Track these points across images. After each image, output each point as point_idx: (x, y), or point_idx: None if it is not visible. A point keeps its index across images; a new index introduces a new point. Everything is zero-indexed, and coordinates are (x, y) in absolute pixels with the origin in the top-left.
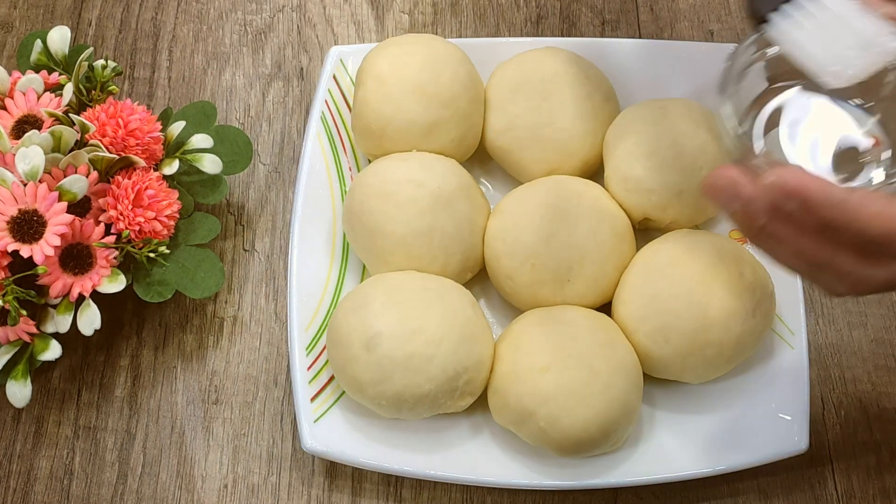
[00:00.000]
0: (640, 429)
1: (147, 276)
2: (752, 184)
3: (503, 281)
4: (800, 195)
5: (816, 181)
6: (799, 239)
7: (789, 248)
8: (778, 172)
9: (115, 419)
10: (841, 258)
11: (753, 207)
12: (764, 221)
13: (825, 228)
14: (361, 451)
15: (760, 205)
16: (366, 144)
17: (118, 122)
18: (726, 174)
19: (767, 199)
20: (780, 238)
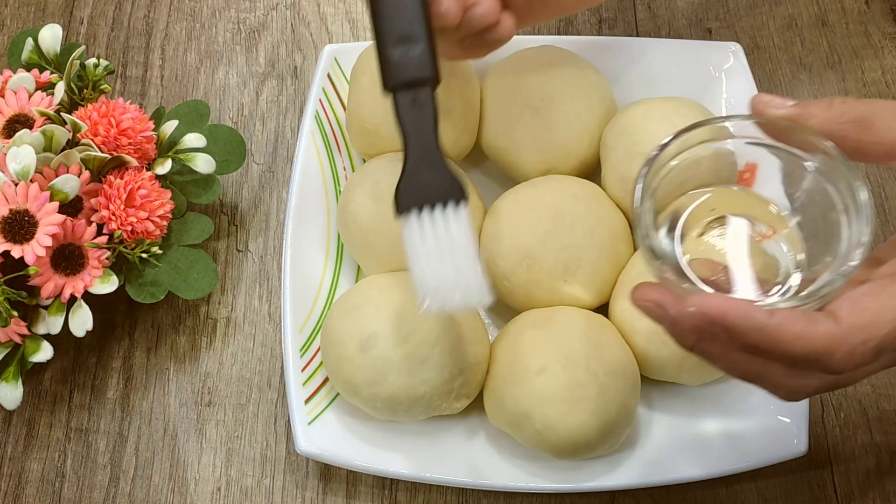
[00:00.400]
0: (638, 431)
1: (139, 276)
2: (675, 306)
3: (499, 282)
4: (721, 323)
5: (736, 307)
6: (729, 355)
7: (720, 364)
8: (697, 301)
9: (107, 421)
10: (772, 372)
11: (680, 330)
12: (692, 342)
13: (751, 349)
14: (356, 453)
15: (687, 327)
16: (360, 144)
17: (110, 122)
18: (649, 296)
19: (693, 323)
20: (711, 356)
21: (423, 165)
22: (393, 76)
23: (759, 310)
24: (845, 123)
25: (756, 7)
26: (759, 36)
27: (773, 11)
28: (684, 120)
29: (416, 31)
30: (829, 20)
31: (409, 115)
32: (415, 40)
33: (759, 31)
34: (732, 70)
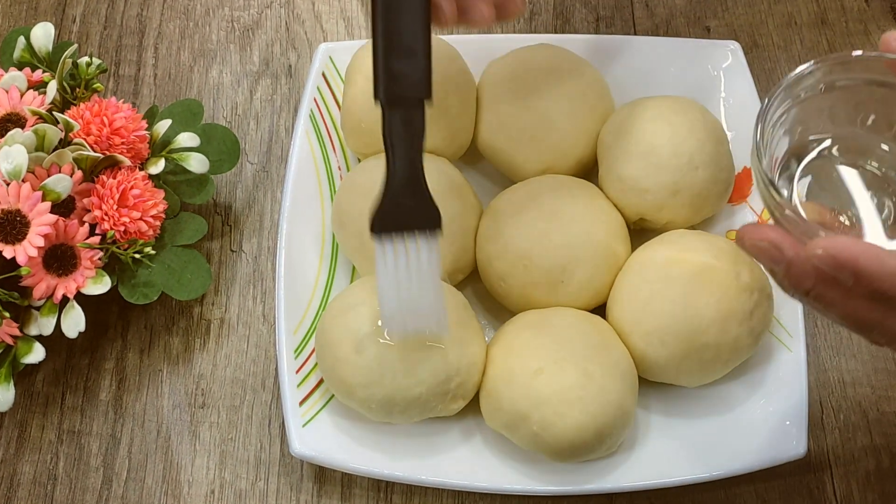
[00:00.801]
0: (636, 433)
1: (132, 277)
2: (794, 247)
3: (495, 282)
4: (851, 267)
5: (868, 251)
6: (848, 302)
7: (836, 310)
8: (825, 244)
9: (100, 423)
10: (891, 321)
11: (798, 272)
12: (810, 286)
13: (878, 297)
14: (351, 455)
15: (806, 269)
16: (355, 143)
17: (103, 121)
18: (767, 235)
19: (814, 266)
20: (827, 301)
21: (406, 189)
22: (389, 90)
23: (892, 255)
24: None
25: (755, 5)
26: (758, 34)
27: (772, 9)
28: (682, 119)
29: (417, 46)
30: (828, 18)
31: (398, 134)
32: (415, 56)
33: (758, 30)
34: (731, 69)
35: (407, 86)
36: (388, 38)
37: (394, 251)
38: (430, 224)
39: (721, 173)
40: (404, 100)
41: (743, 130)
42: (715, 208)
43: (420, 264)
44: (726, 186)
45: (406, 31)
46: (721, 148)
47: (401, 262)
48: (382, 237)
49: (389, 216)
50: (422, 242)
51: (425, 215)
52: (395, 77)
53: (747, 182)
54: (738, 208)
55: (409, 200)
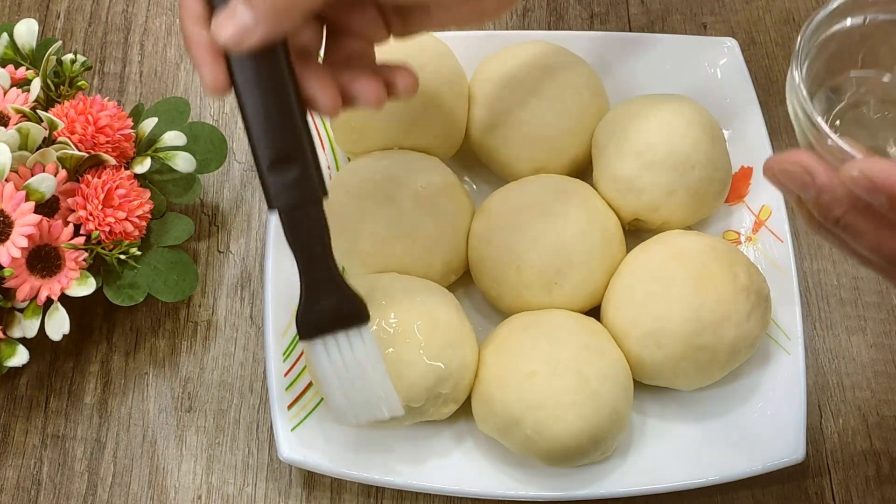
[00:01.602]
0: (631, 437)
1: (118, 278)
2: (828, 173)
3: (488, 284)
4: (888, 190)
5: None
6: (879, 232)
7: (866, 241)
8: (861, 165)
9: (85, 427)
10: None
11: (829, 198)
12: (840, 213)
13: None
14: (340, 460)
15: (838, 195)
16: (345, 141)
17: (87, 119)
18: (800, 159)
19: (846, 190)
20: (857, 231)
21: (320, 290)
22: (280, 200)
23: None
24: None
25: (752, 1)
26: (756, 31)
27: (769, 6)
28: (679, 117)
29: (294, 151)
30: None
31: (299, 238)
32: (294, 161)
33: (756, 26)
34: (728, 66)
35: (292, 193)
36: (262, 150)
37: (327, 350)
38: (356, 319)
39: (718, 173)
40: (299, 206)
41: (740, 129)
42: (711, 208)
43: (357, 357)
44: (723, 186)
45: (280, 136)
46: (718, 147)
47: (336, 360)
48: (314, 342)
49: (314, 320)
50: (353, 335)
51: (350, 310)
52: (278, 187)
53: (744, 182)
54: (734, 208)
55: (329, 300)
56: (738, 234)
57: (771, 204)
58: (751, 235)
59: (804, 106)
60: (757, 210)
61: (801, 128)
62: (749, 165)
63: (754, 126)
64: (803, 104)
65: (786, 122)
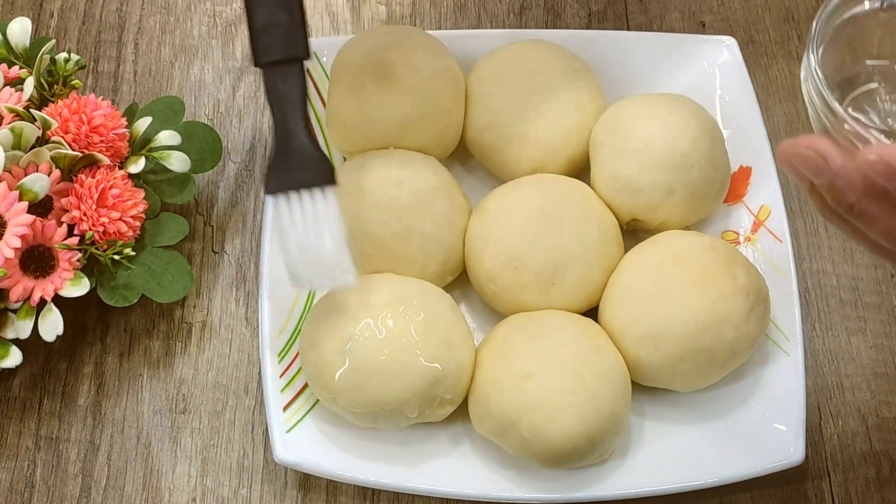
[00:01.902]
0: (629, 439)
1: (112, 279)
2: (843, 157)
3: (485, 284)
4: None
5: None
6: (894, 219)
7: (881, 227)
8: (881, 149)
9: (79, 429)
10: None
11: (844, 183)
12: (855, 199)
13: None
14: (336, 462)
15: (853, 181)
16: (340, 142)
17: (81, 118)
18: (814, 144)
19: (861, 176)
20: (872, 217)
21: (290, 147)
22: (261, 55)
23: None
24: None
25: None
26: (755, 30)
27: (768, 4)
28: (677, 117)
29: (284, 12)
30: None
31: (277, 94)
32: (286, 11)
33: (755, 25)
34: (727, 65)
35: (284, 49)
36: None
37: (290, 208)
38: (322, 178)
39: (716, 173)
40: (281, 61)
41: (739, 128)
42: (710, 209)
43: (318, 218)
44: (722, 186)
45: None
46: (717, 146)
47: (298, 219)
48: (277, 197)
49: (281, 175)
50: (318, 197)
51: (318, 170)
52: (271, 44)
53: (743, 181)
54: (733, 208)
55: (299, 158)
56: (736, 235)
57: (770, 204)
58: (750, 236)
59: (821, 90)
60: (756, 210)
61: (816, 112)
62: (748, 165)
63: (753, 125)
64: (820, 88)
65: (785, 121)
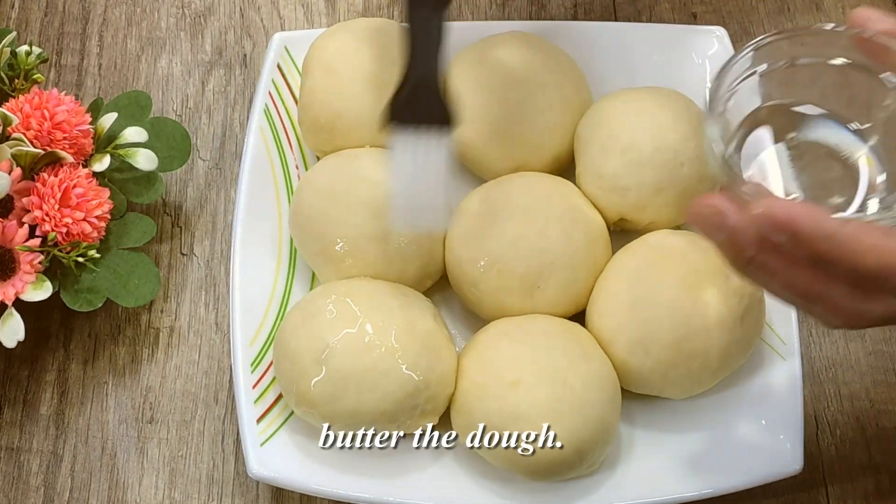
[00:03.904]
0: (619, 449)
1: (75, 282)
2: (738, 213)
3: (466, 288)
4: (789, 228)
5: (806, 212)
6: (790, 271)
7: (779, 280)
8: (766, 203)
9: (41, 440)
10: (834, 291)
11: (740, 238)
12: (752, 253)
13: (817, 262)
14: (313, 476)
15: (748, 236)
16: (314, 140)
17: (44, 114)
18: (711, 202)
19: (755, 231)
20: (770, 271)
21: (422, 85)
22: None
23: (831, 218)
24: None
25: None
26: (748, 21)
27: None
28: (666, 112)
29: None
30: (823, 4)
31: (421, 31)
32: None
33: (749, 16)
34: (717, 57)
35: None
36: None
37: (406, 144)
38: (444, 120)
39: (707, 170)
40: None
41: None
42: None
43: (431, 160)
44: (713, 184)
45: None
46: None
47: (411, 157)
48: (397, 127)
49: (405, 108)
50: (434, 140)
51: (441, 111)
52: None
53: None
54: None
55: (425, 95)
56: None
57: None
58: None
59: (714, 149)
60: None
61: (712, 167)
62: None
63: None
64: (713, 147)
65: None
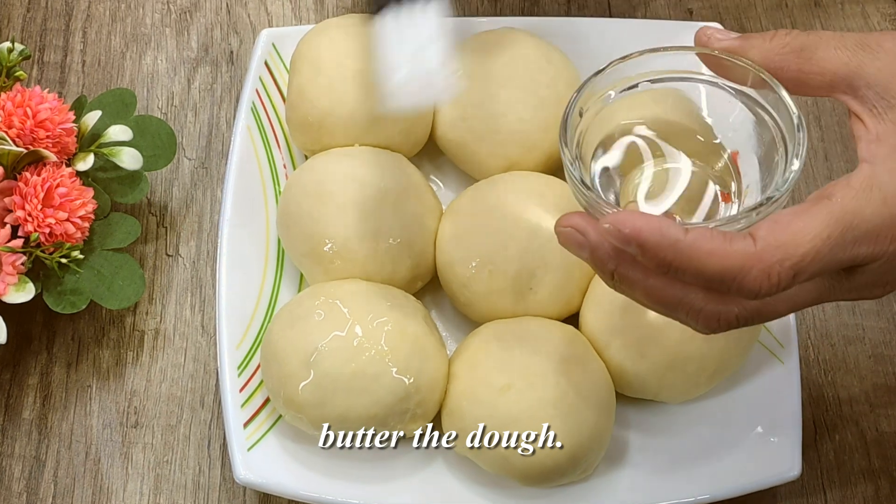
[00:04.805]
0: (613, 454)
1: (59, 284)
2: (596, 230)
3: (457, 290)
4: (635, 239)
5: (650, 223)
6: (647, 281)
7: (639, 291)
8: (613, 218)
9: (23, 444)
10: (691, 297)
11: (600, 254)
12: (613, 267)
13: (667, 269)
14: (301, 482)
15: (606, 250)
16: (302, 139)
17: (26, 112)
18: (570, 221)
19: (610, 245)
20: (630, 282)
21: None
22: None
23: (674, 226)
24: (787, 54)
25: None
26: (746, 17)
27: None
28: (660, 109)
29: None
30: (822, 0)
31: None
32: None
33: (746, 12)
34: None
35: None
36: None
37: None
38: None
39: None
40: None
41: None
42: None
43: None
44: None
45: None
46: None
47: (403, 29)
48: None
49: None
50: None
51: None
52: None
53: None
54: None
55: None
56: None
57: None
58: None
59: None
60: None
61: (573, 188)
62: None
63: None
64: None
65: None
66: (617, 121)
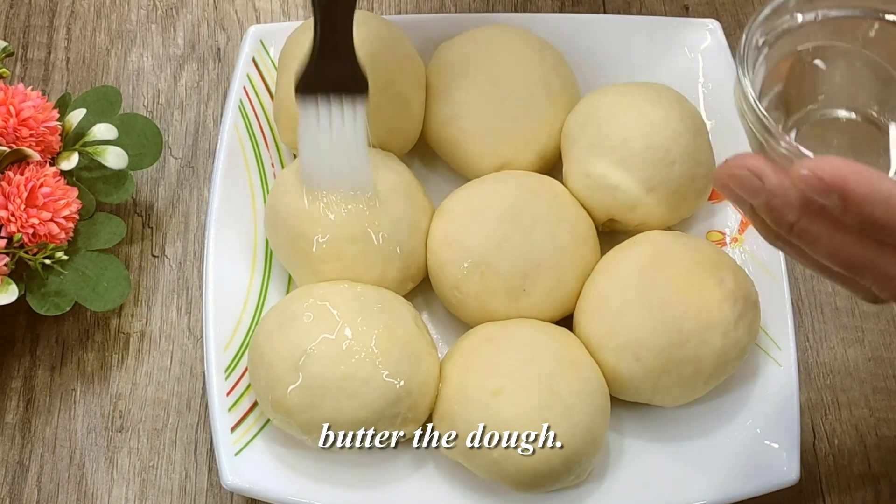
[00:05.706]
0: (607, 459)
1: (42, 285)
2: (778, 175)
3: (449, 292)
4: (840, 189)
5: (859, 172)
6: (835, 237)
7: (823, 248)
8: (813, 163)
9: (6, 449)
10: (884, 260)
11: (781, 202)
12: (794, 219)
13: (868, 227)
14: (290, 487)
15: (790, 199)
16: (290, 137)
17: (9, 110)
18: (748, 163)
19: (798, 193)
20: (812, 237)
21: (330, 52)
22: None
23: (888, 180)
24: None
25: None
26: (742, 14)
27: None
28: (657, 108)
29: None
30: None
31: None
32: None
33: (742, 9)
34: (710, 50)
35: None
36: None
37: (318, 112)
38: (355, 87)
39: (700, 168)
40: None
41: (723, 120)
42: (693, 207)
43: (345, 126)
44: (706, 183)
45: None
46: (700, 140)
47: (324, 123)
48: (307, 99)
49: (315, 78)
50: (347, 107)
51: (351, 79)
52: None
53: None
54: (718, 207)
55: (335, 64)
56: (722, 235)
57: None
58: (737, 236)
59: (753, 105)
60: None
61: (750, 128)
62: None
63: None
64: (752, 103)
65: None
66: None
